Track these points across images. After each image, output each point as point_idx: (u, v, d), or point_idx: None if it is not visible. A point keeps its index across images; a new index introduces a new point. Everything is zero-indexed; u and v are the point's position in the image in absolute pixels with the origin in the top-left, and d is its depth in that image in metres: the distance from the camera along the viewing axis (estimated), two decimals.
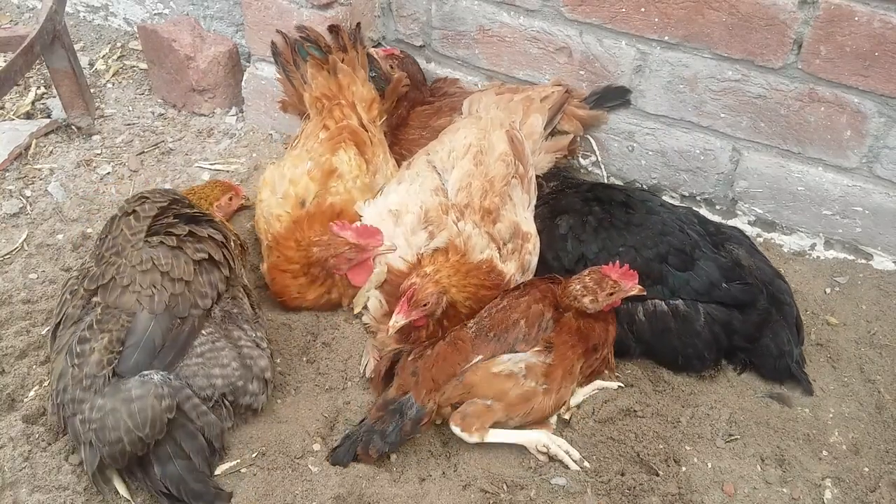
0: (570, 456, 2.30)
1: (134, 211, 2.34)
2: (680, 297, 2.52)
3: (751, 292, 2.52)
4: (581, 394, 2.47)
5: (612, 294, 2.37)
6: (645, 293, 2.40)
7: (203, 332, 2.24)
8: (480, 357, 2.32)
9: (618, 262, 2.40)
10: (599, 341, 2.43)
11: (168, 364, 2.15)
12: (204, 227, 2.38)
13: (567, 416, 2.43)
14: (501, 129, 2.77)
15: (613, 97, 3.08)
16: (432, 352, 2.37)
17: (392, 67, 3.10)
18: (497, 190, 2.62)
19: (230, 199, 2.92)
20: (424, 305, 2.37)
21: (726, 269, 2.54)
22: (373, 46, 3.38)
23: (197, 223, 2.38)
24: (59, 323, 2.27)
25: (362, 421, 2.32)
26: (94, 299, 2.22)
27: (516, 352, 2.33)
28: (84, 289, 2.24)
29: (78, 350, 2.13)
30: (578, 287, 2.38)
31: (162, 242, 2.25)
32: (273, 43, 3.06)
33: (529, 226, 2.67)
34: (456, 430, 2.27)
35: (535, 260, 2.65)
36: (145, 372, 2.12)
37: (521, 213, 2.66)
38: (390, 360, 2.43)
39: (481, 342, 2.35)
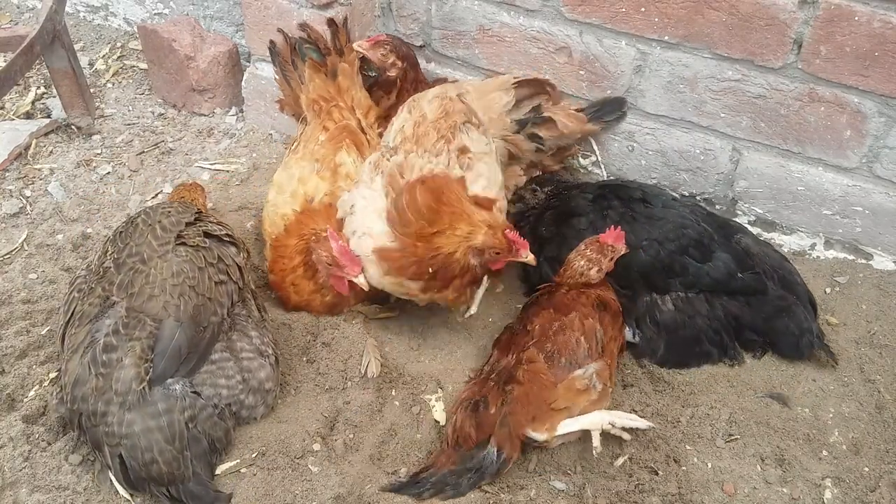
0: (635, 421, 2.29)
1: (160, 222, 2.37)
2: (699, 288, 2.59)
3: (762, 281, 2.60)
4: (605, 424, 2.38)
5: (612, 259, 2.47)
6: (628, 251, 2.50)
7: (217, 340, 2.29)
8: (560, 385, 2.28)
9: (611, 227, 2.49)
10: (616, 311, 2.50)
11: (190, 371, 2.19)
12: (227, 247, 2.44)
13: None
14: (434, 95, 2.72)
15: (611, 109, 3.08)
16: (516, 392, 2.26)
17: (384, 55, 3.04)
18: (431, 123, 2.58)
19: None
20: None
21: (740, 258, 2.62)
22: None
23: (220, 241, 2.44)
24: (69, 321, 2.27)
25: (429, 468, 2.25)
26: (112, 298, 2.23)
27: (583, 366, 2.32)
28: (103, 289, 2.25)
29: (104, 359, 2.13)
30: (583, 262, 2.45)
31: (191, 259, 2.29)
32: (271, 42, 3.06)
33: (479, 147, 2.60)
34: (530, 433, 2.22)
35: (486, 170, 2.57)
36: (168, 381, 2.15)
37: (474, 143, 2.60)
38: (471, 414, 2.30)
39: (555, 368, 2.31)
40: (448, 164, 2.49)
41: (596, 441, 2.23)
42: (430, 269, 2.39)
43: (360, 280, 2.49)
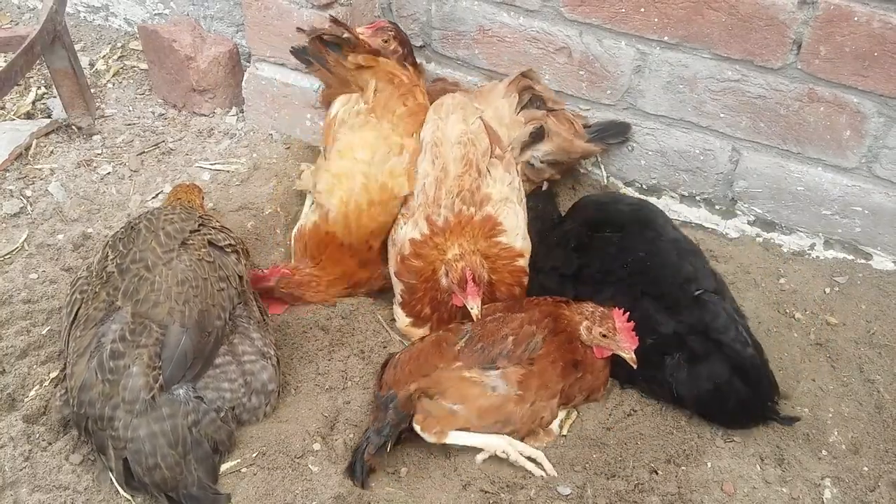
0: (537, 464, 2.26)
1: (164, 228, 2.38)
2: None
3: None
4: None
5: (605, 336, 2.35)
6: (635, 366, 2.34)
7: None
8: (461, 364, 2.33)
9: (628, 314, 2.35)
10: (584, 360, 2.40)
11: (196, 376, 2.21)
12: (228, 256, 2.45)
13: (564, 432, 2.43)
14: (457, 138, 2.77)
15: (615, 133, 3.09)
16: (415, 348, 2.43)
17: (387, 41, 3.00)
18: (454, 181, 2.67)
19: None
20: (483, 278, 2.44)
21: None
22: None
23: (221, 251, 2.45)
24: (74, 322, 2.28)
25: (365, 430, 2.33)
26: (117, 303, 2.24)
27: (496, 367, 2.31)
28: (107, 294, 2.26)
29: (111, 365, 2.14)
30: (589, 309, 2.39)
31: (194, 269, 2.31)
32: (293, 48, 2.99)
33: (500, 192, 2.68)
34: (416, 427, 2.27)
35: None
36: (172, 387, 2.16)
37: (497, 186, 2.68)
38: (383, 368, 2.48)
39: (468, 350, 2.35)
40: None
41: (479, 458, 2.29)
42: (429, 297, 2.57)
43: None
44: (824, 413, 2.49)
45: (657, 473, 2.29)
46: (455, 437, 2.28)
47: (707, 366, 2.36)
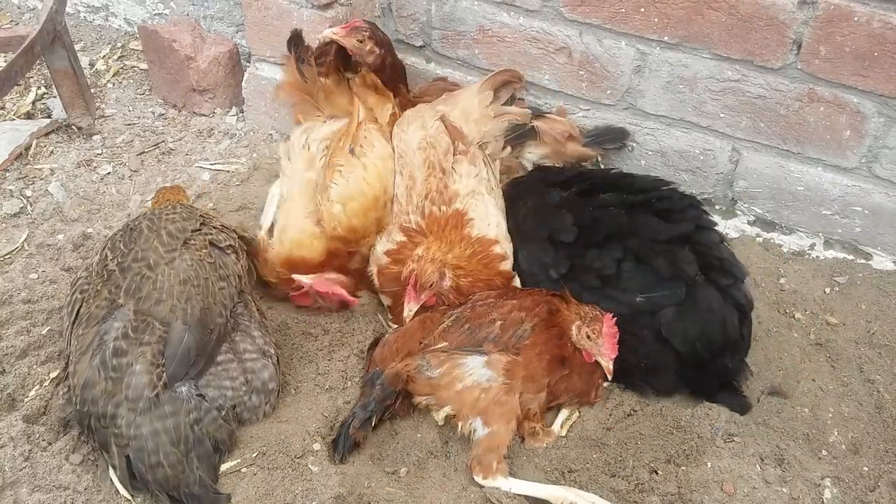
0: None
1: (166, 228, 2.39)
2: None
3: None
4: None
5: (589, 338, 2.35)
6: (609, 378, 2.37)
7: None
8: (445, 343, 2.34)
9: (614, 321, 2.36)
10: (571, 359, 2.39)
11: (198, 373, 2.21)
12: (227, 256, 2.46)
13: (564, 433, 2.43)
14: (417, 145, 2.80)
15: (612, 138, 3.09)
16: (402, 328, 2.48)
17: (362, 41, 2.88)
18: (422, 184, 2.71)
19: None
20: (430, 286, 2.44)
21: None
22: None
23: (222, 251, 2.46)
24: (76, 321, 2.28)
25: (352, 408, 2.37)
26: (119, 301, 2.24)
27: (482, 352, 2.32)
28: (109, 292, 2.27)
29: (114, 363, 2.15)
30: (585, 310, 2.40)
31: (196, 267, 2.32)
32: (294, 33, 2.98)
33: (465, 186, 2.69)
34: (478, 478, 2.24)
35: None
36: (175, 385, 2.17)
37: (464, 181, 2.70)
38: (373, 347, 2.54)
39: (454, 330, 2.37)
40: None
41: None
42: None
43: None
44: (824, 413, 2.49)
45: (657, 473, 2.29)
46: (517, 486, 2.23)
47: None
